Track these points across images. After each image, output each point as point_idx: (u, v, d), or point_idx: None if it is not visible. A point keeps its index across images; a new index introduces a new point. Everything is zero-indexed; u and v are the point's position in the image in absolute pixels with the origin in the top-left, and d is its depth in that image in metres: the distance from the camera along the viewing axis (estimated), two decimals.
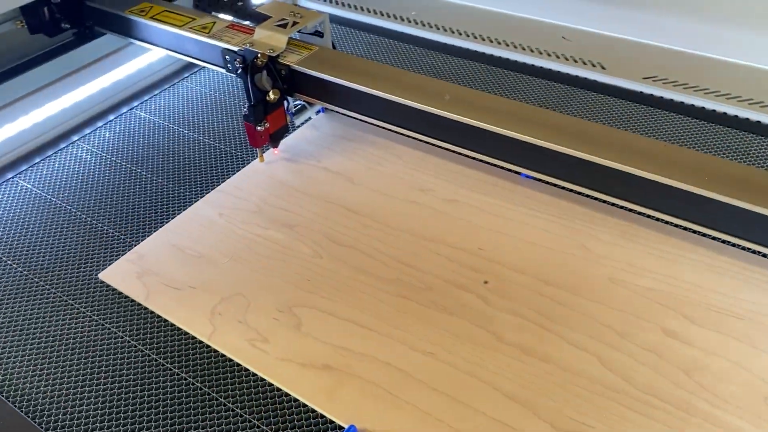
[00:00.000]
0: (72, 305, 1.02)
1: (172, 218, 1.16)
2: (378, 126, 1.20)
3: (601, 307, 0.94)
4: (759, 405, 0.82)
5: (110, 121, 1.43)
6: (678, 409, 0.82)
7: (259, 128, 1.15)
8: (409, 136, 1.17)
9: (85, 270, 1.08)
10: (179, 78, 1.56)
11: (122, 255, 1.09)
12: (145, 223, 1.16)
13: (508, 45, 1.53)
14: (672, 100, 1.36)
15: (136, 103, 1.48)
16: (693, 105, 1.34)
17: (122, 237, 1.14)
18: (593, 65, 1.45)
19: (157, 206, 1.20)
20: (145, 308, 1.00)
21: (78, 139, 1.38)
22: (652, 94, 1.37)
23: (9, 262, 1.10)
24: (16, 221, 1.19)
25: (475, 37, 1.57)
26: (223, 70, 1.24)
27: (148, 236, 1.12)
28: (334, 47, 1.28)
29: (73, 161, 1.32)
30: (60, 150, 1.36)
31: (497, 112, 1.05)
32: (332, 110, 1.28)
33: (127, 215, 1.18)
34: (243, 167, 1.26)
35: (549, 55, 1.49)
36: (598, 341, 0.90)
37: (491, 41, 1.55)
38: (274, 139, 1.22)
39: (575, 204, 1.11)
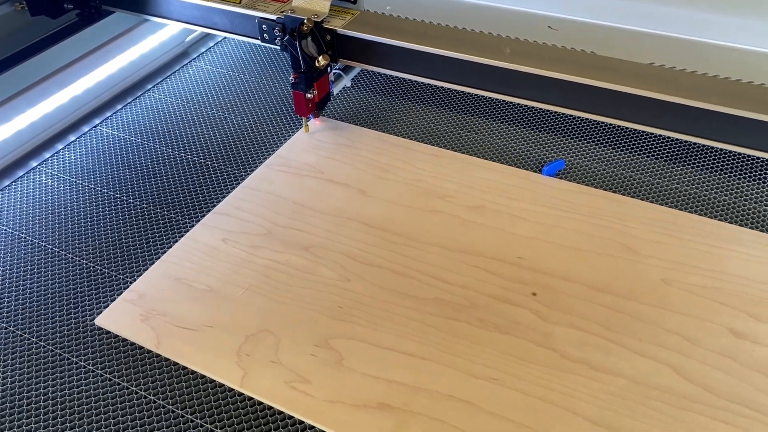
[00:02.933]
0: (68, 359, 0.89)
1: (167, 248, 1.03)
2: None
3: (661, 311, 0.89)
4: None
5: (71, 141, 1.28)
6: (766, 416, 0.77)
7: (308, 96, 1.12)
8: (469, 93, 1.19)
9: (77, 316, 0.94)
10: (141, 90, 1.41)
11: (117, 294, 0.96)
12: (136, 255, 1.03)
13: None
14: None
15: (97, 120, 1.33)
16: None
17: (112, 274, 1.00)
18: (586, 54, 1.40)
19: (145, 235, 1.06)
20: (157, 355, 0.88)
21: (37, 165, 1.22)
22: None
23: None
24: None
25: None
26: (257, 41, 1.19)
27: (143, 271, 0.99)
28: None
29: (36, 189, 1.17)
30: (18, 178, 1.20)
31: (570, 63, 1.04)
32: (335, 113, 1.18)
33: (112, 248, 1.04)
34: (235, 185, 1.14)
35: (539, 45, 1.43)
36: (667, 349, 0.84)
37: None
38: (319, 107, 1.19)
39: (604, 201, 1.06)
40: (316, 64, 1.11)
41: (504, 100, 1.25)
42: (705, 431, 0.76)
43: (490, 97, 1.29)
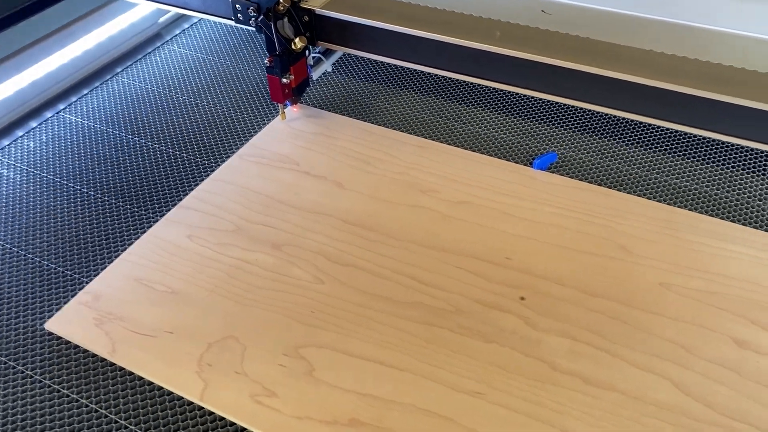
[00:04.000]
0: (14, 368, 0.81)
1: (128, 245, 0.95)
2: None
3: (659, 318, 0.82)
4: None
5: (33, 128, 1.20)
6: None
7: (284, 80, 1.06)
8: (454, 79, 1.13)
9: (26, 320, 0.87)
10: (110, 74, 1.33)
11: (72, 296, 0.88)
12: (95, 252, 0.96)
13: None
14: None
15: (62, 106, 1.25)
16: None
17: (67, 273, 0.93)
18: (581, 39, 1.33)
19: (106, 230, 0.99)
20: (111, 363, 0.81)
21: None
22: None
23: None
24: None
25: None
26: (232, 21, 1.11)
27: (101, 269, 0.92)
28: None
29: None
30: None
31: (564, 48, 0.99)
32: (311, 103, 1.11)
33: (69, 244, 0.97)
34: (204, 176, 1.06)
35: (532, 29, 1.36)
36: (665, 360, 0.78)
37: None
38: (297, 93, 1.13)
39: (599, 196, 0.99)
40: (293, 47, 1.04)
41: (494, 88, 1.17)
42: None
43: (479, 85, 1.22)
